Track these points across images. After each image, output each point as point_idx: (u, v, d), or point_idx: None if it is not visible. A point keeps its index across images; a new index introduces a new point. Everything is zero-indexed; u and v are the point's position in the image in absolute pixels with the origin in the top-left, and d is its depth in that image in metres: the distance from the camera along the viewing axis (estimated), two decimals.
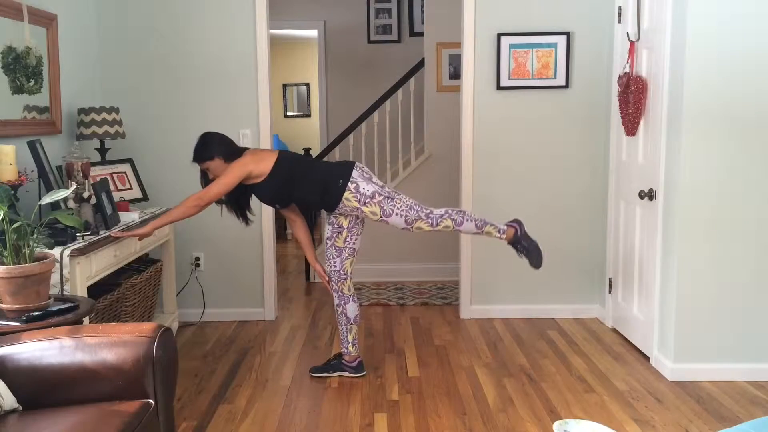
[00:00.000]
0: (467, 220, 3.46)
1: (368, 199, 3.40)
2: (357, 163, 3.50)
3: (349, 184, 3.40)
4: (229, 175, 3.38)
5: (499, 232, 3.50)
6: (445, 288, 5.58)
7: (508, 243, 3.56)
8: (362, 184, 3.41)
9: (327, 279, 3.71)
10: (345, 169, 3.46)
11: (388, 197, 3.42)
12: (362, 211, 3.42)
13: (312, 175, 3.49)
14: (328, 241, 3.61)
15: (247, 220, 3.71)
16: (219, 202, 3.58)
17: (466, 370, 3.79)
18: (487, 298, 4.76)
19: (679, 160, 3.52)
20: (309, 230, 3.86)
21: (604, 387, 3.53)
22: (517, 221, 3.57)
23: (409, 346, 4.19)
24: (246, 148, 3.58)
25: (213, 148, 3.46)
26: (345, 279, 3.62)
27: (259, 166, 3.42)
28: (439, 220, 3.43)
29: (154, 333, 2.29)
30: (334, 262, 3.59)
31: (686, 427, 3.08)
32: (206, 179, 3.55)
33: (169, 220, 3.48)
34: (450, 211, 3.47)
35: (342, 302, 3.64)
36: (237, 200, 3.63)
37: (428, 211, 3.44)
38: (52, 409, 2.20)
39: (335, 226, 3.57)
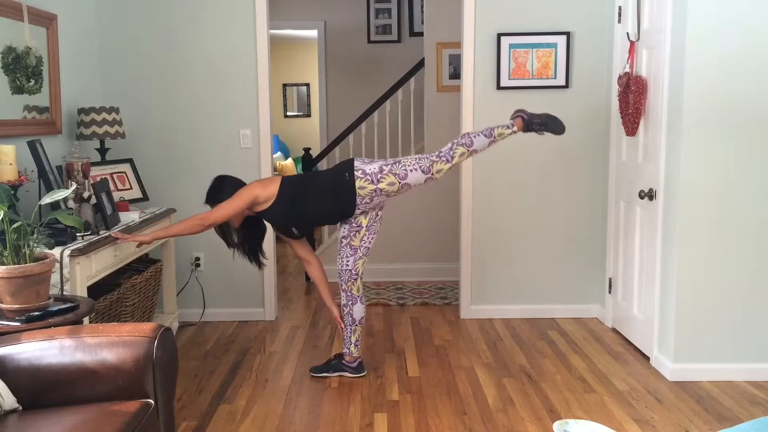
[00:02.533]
0: (474, 137, 3.45)
1: (379, 174, 3.40)
2: (354, 158, 3.52)
3: (356, 172, 3.41)
4: (236, 199, 3.39)
5: (509, 128, 3.48)
6: (445, 288, 5.58)
7: (524, 131, 3.53)
8: (366, 167, 3.43)
9: (342, 324, 3.71)
10: (346, 165, 3.47)
11: (394, 163, 3.43)
12: (381, 189, 3.41)
13: (319, 184, 3.51)
14: (342, 240, 3.59)
15: (260, 264, 3.72)
16: (230, 245, 3.61)
17: (466, 370, 3.79)
18: (487, 298, 4.76)
19: (679, 160, 3.52)
20: (324, 271, 3.85)
21: (604, 387, 3.53)
22: (519, 110, 3.54)
23: (409, 346, 4.19)
24: None
25: (226, 192, 3.47)
26: (356, 279, 3.62)
27: (266, 191, 3.43)
28: (451, 153, 3.42)
29: (154, 333, 2.29)
30: (347, 261, 3.59)
31: (686, 427, 3.08)
32: (219, 225, 3.55)
33: (171, 233, 3.51)
34: (455, 141, 3.45)
35: (349, 303, 3.64)
36: (250, 243, 3.63)
37: (437, 153, 3.44)
38: (52, 409, 2.20)
39: (353, 225, 3.56)
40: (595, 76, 4.56)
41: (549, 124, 3.50)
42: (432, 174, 3.42)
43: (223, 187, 3.50)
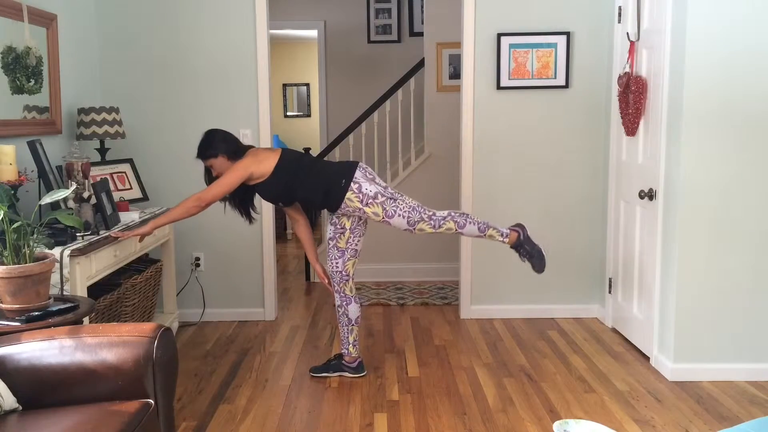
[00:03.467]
0: (470, 222, 3.45)
1: (371, 200, 3.38)
2: (360, 163, 3.49)
3: (352, 184, 3.39)
4: (230, 176, 3.38)
5: (501, 235, 3.48)
6: (445, 288, 5.58)
7: (511, 247, 3.54)
8: (365, 184, 3.40)
9: (327, 280, 3.71)
10: (348, 169, 3.45)
11: (390, 198, 3.41)
12: (364, 212, 3.42)
13: (314, 174, 3.48)
14: (330, 242, 3.60)
15: (250, 219, 3.70)
16: (222, 199, 3.57)
17: (466, 370, 3.79)
18: (487, 298, 4.76)
19: (679, 160, 3.52)
20: (311, 230, 3.85)
21: (604, 387, 3.53)
22: (520, 225, 3.56)
23: (409, 346, 4.19)
24: (250, 146, 3.58)
25: (217, 146, 3.46)
26: (347, 280, 3.61)
27: (261, 167, 3.41)
28: (441, 222, 3.42)
29: (154, 333, 2.29)
30: (336, 263, 3.59)
31: (686, 427, 3.08)
32: (210, 176, 3.55)
33: (169, 219, 3.48)
34: (453, 214, 3.45)
35: (344, 303, 3.64)
36: (240, 199, 3.63)
37: (431, 213, 3.43)
38: (52, 409, 2.20)
39: (338, 226, 3.57)
40: (595, 76, 4.56)
41: (534, 258, 3.52)
42: (413, 229, 3.42)
43: (214, 141, 3.48)
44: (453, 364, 3.89)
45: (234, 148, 3.48)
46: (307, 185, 3.46)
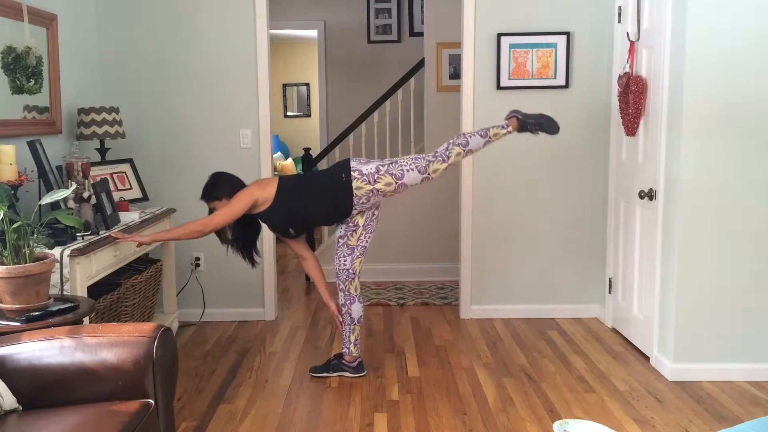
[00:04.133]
0: (470, 137, 3.47)
1: (375, 175, 3.41)
2: (350, 158, 3.53)
3: (352, 173, 3.41)
4: (236, 203, 3.40)
5: (504, 128, 3.50)
6: (445, 288, 5.58)
7: (519, 131, 3.54)
8: (363, 167, 3.43)
9: (340, 319, 3.71)
10: (342, 166, 3.48)
11: (391, 163, 3.45)
12: (378, 190, 3.42)
13: (316, 185, 3.51)
14: (340, 240, 3.60)
15: (253, 262, 3.73)
16: (224, 241, 3.62)
17: (466, 370, 3.79)
18: (487, 298, 4.76)
19: (679, 160, 3.52)
20: (320, 267, 3.86)
21: (604, 387, 3.53)
22: (514, 111, 3.56)
23: (409, 346, 4.19)
24: None
25: (222, 189, 3.48)
26: (353, 278, 3.62)
27: (264, 192, 3.43)
28: (447, 153, 3.44)
29: (154, 333, 2.29)
30: (344, 261, 3.59)
31: (686, 427, 3.08)
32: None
33: (171, 237, 3.57)
34: (450, 141, 3.47)
35: (348, 302, 3.64)
36: (244, 241, 3.65)
37: (433, 153, 3.46)
38: (52, 409, 2.20)
39: (350, 224, 3.56)
40: (595, 76, 4.56)
41: (543, 124, 3.51)
42: (428, 174, 3.44)
43: (218, 185, 3.51)
44: (453, 364, 3.89)
45: (237, 190, 3.48)
46: (313, 197, 3.48)
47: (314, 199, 3.48)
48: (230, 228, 3.60)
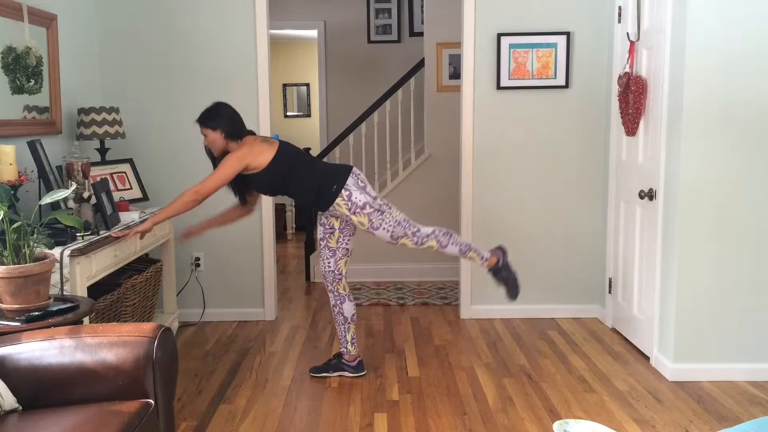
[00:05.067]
0: (452, 243, 3.51)
1: (358, 209, 3.40)
2: (354, 169, 3.48)
3: (343, 191, 3.40)
4: (226, 168, 3.35)
5: (481, 258, 3.58)
6: (445, 288, 5.58)
7: (488, 270, 3.63)
8: (355, 192, 3.41)
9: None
10: (340, 174, 3.45)
11: (378, 210, 3.42)
12: (351, 219, 3.44)
13: (308, 174, 3.47)
14: (321, 242, 3.62)
15: (244, 201, 3.64)
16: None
17: (466, 370, 3.79)
18: (487, 298, 4.76)
19: (679, 160, 3.52)
20: (239, 219, 3.73)
21: (604, 387, 3.53)
22: (501, 249, 3.63)
23: (409, 346, 4.19)
24: (251, 132, 3.54)
25: (221, 121, 3.41)
26: (340, 279, 3.63)
27: (257, 160, 3.38)
28: (424, 239, 3.47)
29: (154, 333, 2.29)
30: (329, 263, 3.60)
31: (686, 427, 3.08)
32: (213, 155, 3.51)
33: (168, 214, 3.44)
34: (437, 232, 3.50)
35: (338, 302, 3.65)
36: (238, 186, 3.60)
37: (415, 229, 3.46)
38: (52, 409, 2.20)
39: (327, 227, 3.59)
40: (595, 76, 4.56)
41: (510, 285, 3.64)
42: (396, 242, 3.48)
43: (220, 114, 3.42)
44: (453, 364, 3.89)
45: (236, 130, 3.43)
46: (300, 183, 3.46)
47: (301, 187, 3.46)
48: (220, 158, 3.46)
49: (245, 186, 3.58)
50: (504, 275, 3.60)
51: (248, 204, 3.67)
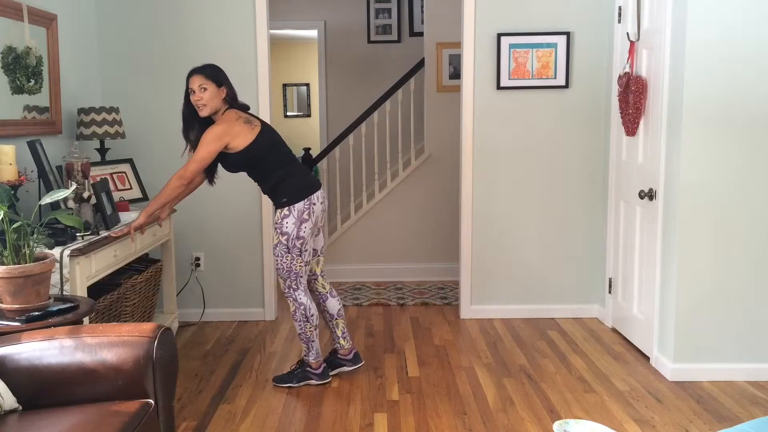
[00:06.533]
0: (297, 324, 3.52)
1: (280, 235, 3.41)
2: (313, 196, 3.43)
3: (285, 210, 3.40)
4: (206, 149, 3.31)
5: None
6: (445, 288, 5.58)
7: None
8: (291, 220, 3.38)
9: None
10: (300, 191, 3.41)
11: (288, 248, 3.40)
12: (274, 230, 3.45)
13: (274, 171, 3.43)
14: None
15: (212, 181, 3.61)
16: (188, 141, 3.48)
17: (466, 370, 3.79)
18: (487, 298, 4.76)
19: (679, 160, 3.52)
20: (183, 197, 3.69)
21: (604, 387, 3.53)
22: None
23: (409, 346, 4.19)
24: (244, 106, 3.50)
25: (227, 80, 3.41)
26: (315, 279, 3.68)
27: (234, 142, 3.35)
28: (291, 299, 3.49)
29: (154, 333, 2.29)
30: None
31: (686, 427, 3.08)
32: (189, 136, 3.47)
33: (158, 203, 3.46)
34: (305, 311, 3.49)
35: (321, 300, 3.70)
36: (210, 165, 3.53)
37: (295, 286, 3.46)
38: (52, 409, 2.20)
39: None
40: (595, 76, 4.56)
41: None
42: (278, 276, 3.50)
43: (218, 72, 3.40)
44: (453, 363, 3.89)
45: (234, 95, 3.45)
46: (263, 176, 3.46)
47: (263, 176, 3.45)
48: (198, 125, 3.43)
49: (214, 165, 3.53)
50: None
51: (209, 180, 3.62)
